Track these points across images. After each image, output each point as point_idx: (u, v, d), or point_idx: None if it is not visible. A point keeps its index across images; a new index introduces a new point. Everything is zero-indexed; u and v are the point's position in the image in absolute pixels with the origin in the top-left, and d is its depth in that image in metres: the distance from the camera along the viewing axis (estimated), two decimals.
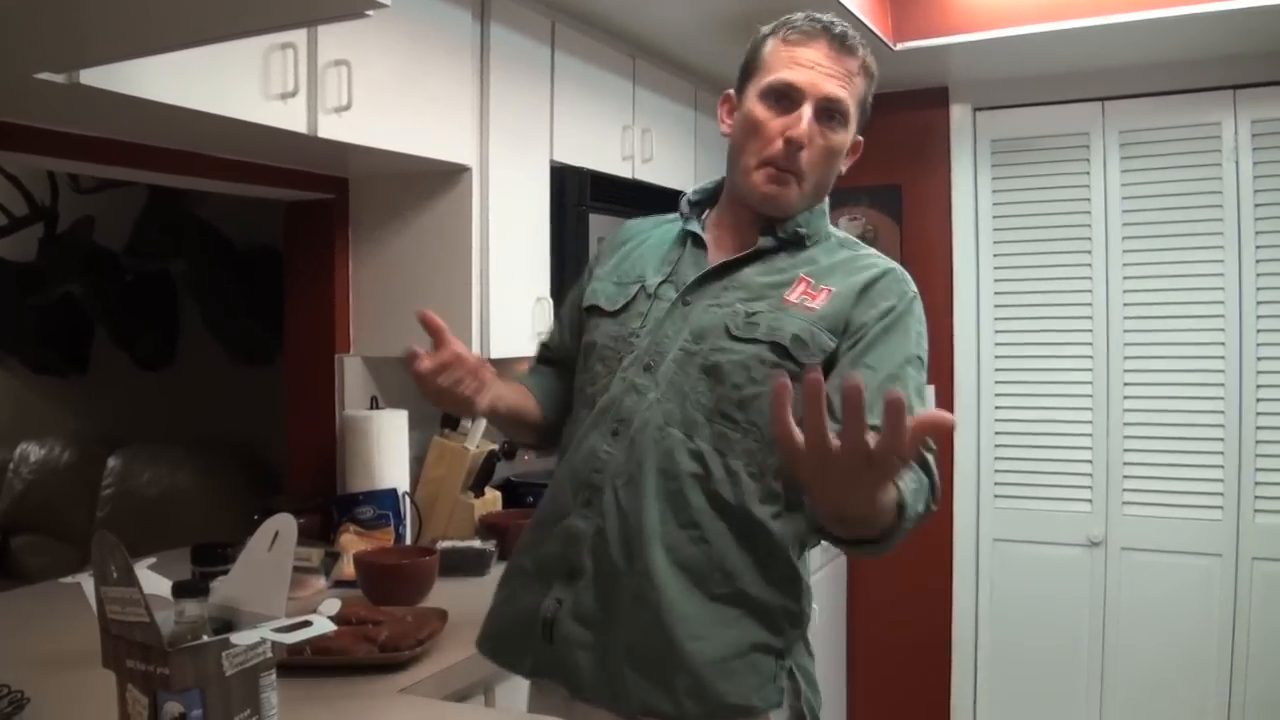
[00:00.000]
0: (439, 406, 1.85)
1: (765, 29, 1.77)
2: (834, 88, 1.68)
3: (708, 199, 1.87)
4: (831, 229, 1.83)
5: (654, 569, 1.64)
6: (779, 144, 1.69)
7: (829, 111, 1.69)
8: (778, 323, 1.67)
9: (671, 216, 1.91)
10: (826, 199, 1.82)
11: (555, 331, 2.04)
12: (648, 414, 1.68)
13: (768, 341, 1.66)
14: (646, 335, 1.74)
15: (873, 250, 1.81)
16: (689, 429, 1.67)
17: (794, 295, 1.70)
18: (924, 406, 1.51)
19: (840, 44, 1.70)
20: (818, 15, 1.73)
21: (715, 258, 1.78)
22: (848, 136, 1.73)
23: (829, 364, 1.66)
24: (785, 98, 1.69)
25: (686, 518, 1.66)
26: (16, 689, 1.65)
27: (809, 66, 1.68)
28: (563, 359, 1.97)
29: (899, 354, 1.66)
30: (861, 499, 1.28)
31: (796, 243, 1.76)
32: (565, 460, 1.78)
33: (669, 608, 1.63)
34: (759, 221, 1.77)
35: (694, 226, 1.82)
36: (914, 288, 1.75)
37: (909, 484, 1.48)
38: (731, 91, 1.81)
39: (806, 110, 1.67)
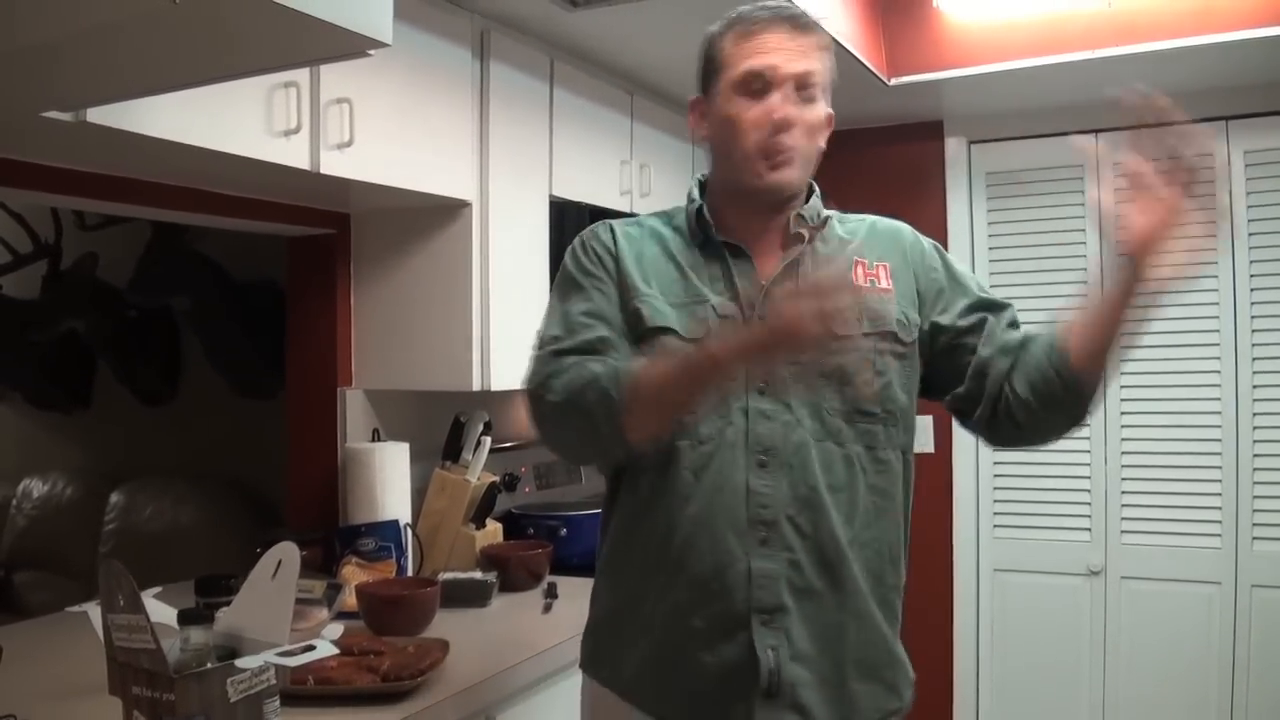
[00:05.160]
0: None
1: (714, 28, 1.78)
2: (802, 65, 1.70)
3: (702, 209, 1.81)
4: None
5: (859, 582, 1.69)
6: (766, 130, 1.69)
7: (803, 87, 1.70)
8: (874, 312, 1.72)
9: (648, 221, 1.86)
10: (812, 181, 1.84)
11: (607, 331, 1.74)
12: (794, 437, 1.67)
13: (877, 332, 1.71)
14: None
15: (862, 215, 1.89)
16: (837, 437, 1.69)
17: (860, 280, 1.75)
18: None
19: (795, 24, 1.71)
20: (765, 3, 1.75)
21: (763, 262, 1.76)
22: (824, 108, 1.75)
23: (925, 331, 1.78)
24: (757, 86, 1.70)
25: (863, 522, 1.70)
26: (23, 719, 1.67)
27: (772, 51, 1.69)
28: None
29: (974, 285, 1.83)
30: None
31: (823, 225, 1.80)
32: (695, 505, 1.68)
33: (874, 612, 1.70)
34: (770, 210, 1.77)
35: (729, 238, 1.77)
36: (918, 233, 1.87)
37: None
38: (695, 97, 1.82)
39: (784, 91, 1.69)
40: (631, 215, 1.92)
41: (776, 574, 1.64)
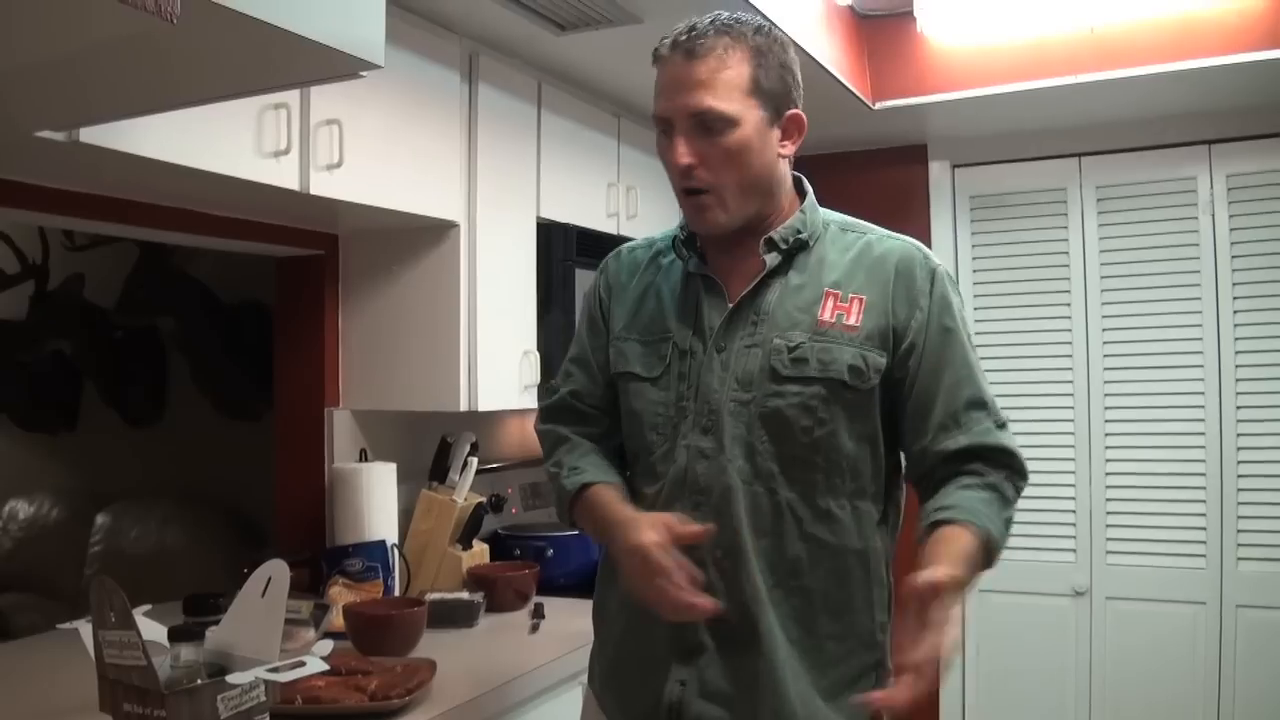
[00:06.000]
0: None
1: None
2: (694, 100, 1.62)
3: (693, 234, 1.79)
4: (826, 213, 1.79)
5: (771, 629, 1.64)
6: (677, 175, 1.68)
7: (701, 124, 1.63)
8: (828, 355, 1.64)
9: (658, 241, 1.87)
10: (809, 190, 1.79)
11: (583, 381, 1.88)
12: (724, 479, 1.65)
13: (823, 379, 1.63)
14: (693, 395, 1.69)
15: (876, 229, 1.79)
16: (769, 483, 1.65)
17: (827, 315, 1.66)
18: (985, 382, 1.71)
19: (688, 54, 1.62)
20: (678, 28, 1.66)
21: (734, 289, 1.72)
22: (744, 130, 1.63)
23: (887, 373, 1.67)
24: (666, 128, 1.68)
25: (791, 570, 1.65)
26: None
27: (668, 91, 1.65)
28: (601, 408, 1.87)
29: (959, 351, 1.69)
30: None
31: (801, 247, 1.72)
32: None
33: (789, 663, 1.64)
34: (750, 237, 1.72)
35: (704, 270, 1.75)
36: (935, 260, 1.73)
37: (985, 510, 1.60)
38: None
39: (684, 131, 1.64)
40: (623, 238, 1.96)
41: None
